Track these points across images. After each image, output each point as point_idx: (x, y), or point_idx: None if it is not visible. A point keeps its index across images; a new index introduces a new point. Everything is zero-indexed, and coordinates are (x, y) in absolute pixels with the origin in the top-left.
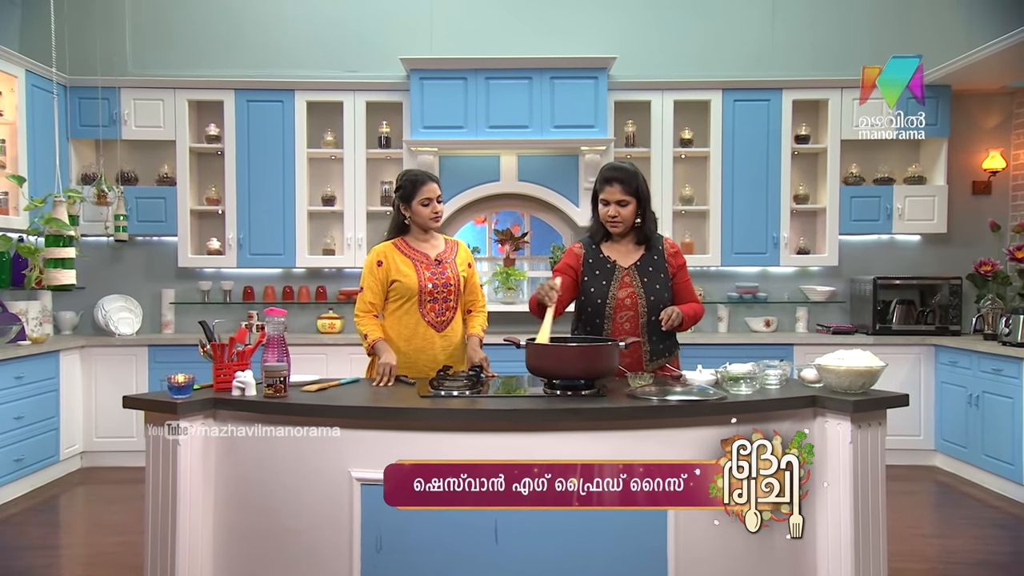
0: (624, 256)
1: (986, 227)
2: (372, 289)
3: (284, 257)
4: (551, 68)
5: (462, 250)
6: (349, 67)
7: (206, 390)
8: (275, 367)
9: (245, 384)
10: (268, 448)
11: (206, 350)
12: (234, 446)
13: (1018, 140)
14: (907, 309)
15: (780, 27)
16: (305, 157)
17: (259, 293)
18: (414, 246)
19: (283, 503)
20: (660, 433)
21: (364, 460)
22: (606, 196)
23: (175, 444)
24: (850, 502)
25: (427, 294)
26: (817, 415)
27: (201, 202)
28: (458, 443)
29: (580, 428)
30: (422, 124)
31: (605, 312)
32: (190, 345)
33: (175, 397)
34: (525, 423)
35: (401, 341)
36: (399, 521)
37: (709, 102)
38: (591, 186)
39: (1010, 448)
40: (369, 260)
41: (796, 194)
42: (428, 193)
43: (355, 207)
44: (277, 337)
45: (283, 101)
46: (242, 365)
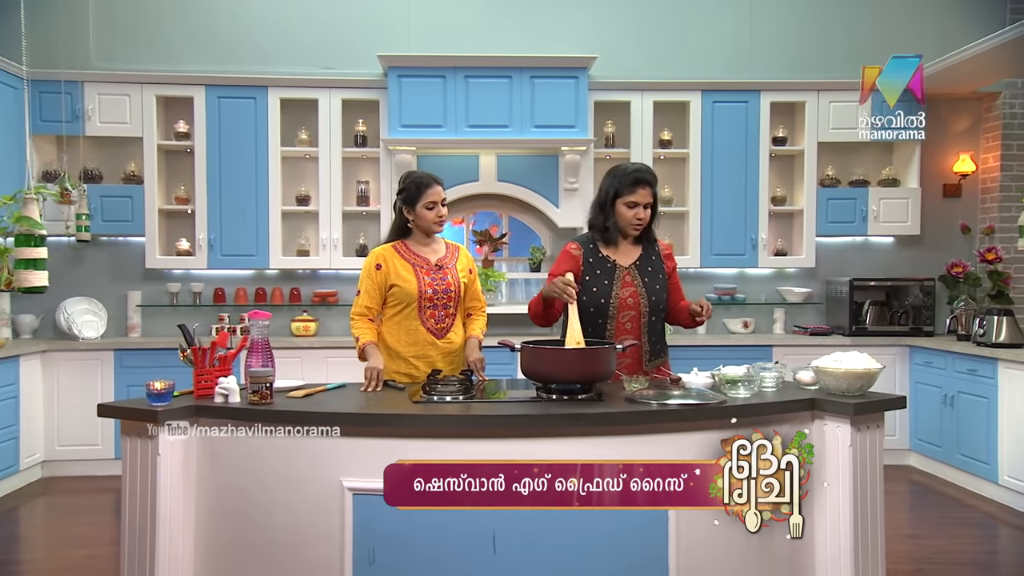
0: (623, 256)
1: (957, 229)
2: (369, 292)
3: (257, 258)
4: (531, 67)
5: (463, 255)
6: (324, 64)
7: (186, 397)
8: (261, 372)
9: (228, 390)
10: (254, 457)
11: (186, 355)
12: (217, 456)
13: (986, 144)
14: (880, 310)
15: (758, 29)
16: (279, 155)
17: (231, 295)
18: (415, 250)
19: (271, 515)
20: (661, 438)
21: (357, 469)
22: (636, 199)
23: (155, 455)
24: (850, 505)
25: (427, 300)
26: (815, 418)
27: (170, 201)
28: (454, 449)
29: (580, 434)
30: (400, 123)
31: (608, 312)
32: (159, 349)
33: (154, 405)
34: (524, 428)
35: (401, 347)
36: (393, 532)
37: (688, 103)
38: (571, 186)
39: (985, 447)
40: (368, 262)
41: (773, 196)
42: (433, 196)
43: (330, 207)
44: (261, 341)
45: (256, 98)
46: (224, 370)
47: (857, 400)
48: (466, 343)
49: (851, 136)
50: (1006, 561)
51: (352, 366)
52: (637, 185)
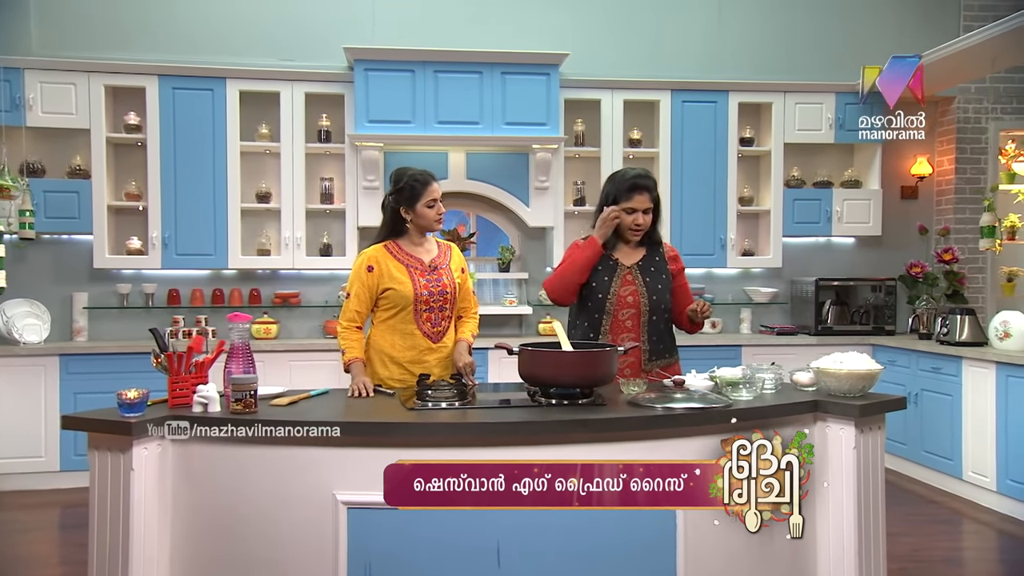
0: (627, 256)
1: (914, 230)
2: (359, 297)
3: (215, 258)
4: (502, 63)
5: (455, 254)
6: (286, 55)
7: (159, 407)
8: (244, 379)
9: (208, 399)
10: (238, 471)
11: (160, 361)
12: (197, 470)
13: (941, 147)
14: (840, 310)
15: (727, 31)
16: (238, 150)
17: (186, 296)
18: (408, 250)
19: (257, 532)
20: (665, 444)
21: (351, 481)
22: (634, 205)
23: (127, 470)
24: (854, 508)
25: (423, 303)
26: (817, 420)
27: (119, 197)
28: (455, 458)
29: (583, 440)
30: (367, 118)
31: (606, 308)
32: (108, 354)
33: (127, 416)
34: (526, 435)
35: (396, 352)
36: (391, 548)
37: (658, 102)
38: (542, 185)
39: (949, 444)
40: (358, 264)
41: (741, 196)
42: (434, 194)
43: (293, 205)
44: (242, 345)
45: (213, 89)
46: (200, 378)
47: (863, 402)
48: (455, 346)
49: (816, 137)
50: (980, 557)
51: (317, 370)
52: (634, 191)
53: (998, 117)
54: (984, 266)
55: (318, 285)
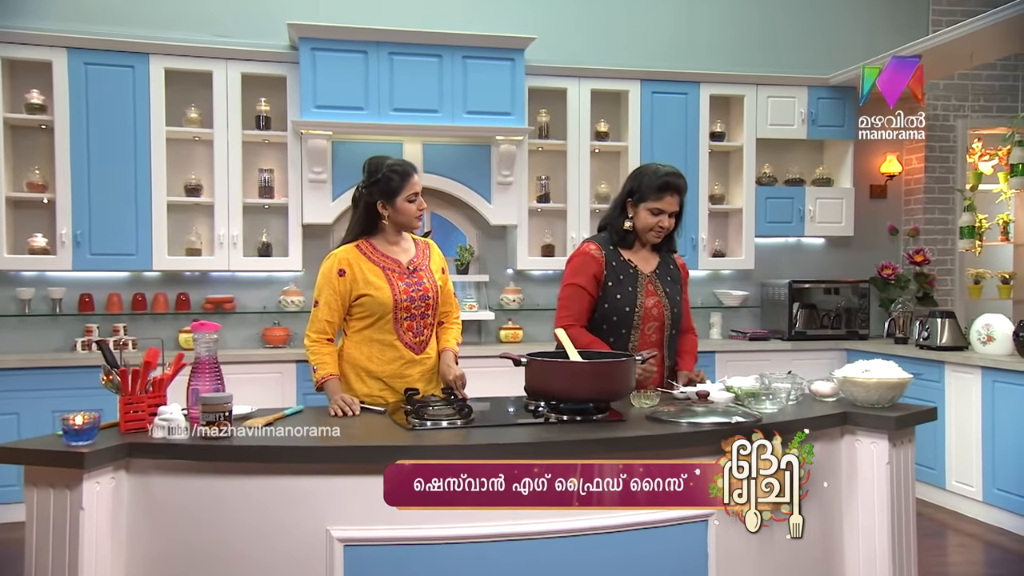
0: (643, 262)
1: (883, 230)
2: (331, 305)
3: (136, 258)
4: (464, 46)
5: (435, 253)
6: (221, 31)
7: (108, 433)
8: (217, 398)
9: (172, 422)
10: (212, 506)
11: (111, 378)
12: (160, 506)
13: (910, 145)
14: (810, 313)
15: (698, 19)
16: (163, 136)
17: (100, 302)
18: (384, 251)
19: None
20: (691, 464)
21: (348, 514)
22: (663, 206)
23: (76, 509)
24: (887, 533)
25: (403, 310)
26: (845, 434)
27: (20, 188)
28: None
29: (604, 459)
30: (314, 103)
31: (633, 322)
32: (7, 370)
33: (75, 445)
34: (549, 457)
35: (374, 366)
36: None
37: (627, 92)
38: (505, 180)
39: (932, 453)
40: (327, 268)
41: (711, 194)
42: (415, 187)
43: (228, 199)
44: (209, 359)
45: (134, 66)
46: (158, 397)
47: (896, 413)
48: (440, 357)
49: (789, 132)
50: (967, 572)
51: (254, 384)
52: (665, 191)
53: (966, 115)
54: (953, 268)
55: (255, 289)
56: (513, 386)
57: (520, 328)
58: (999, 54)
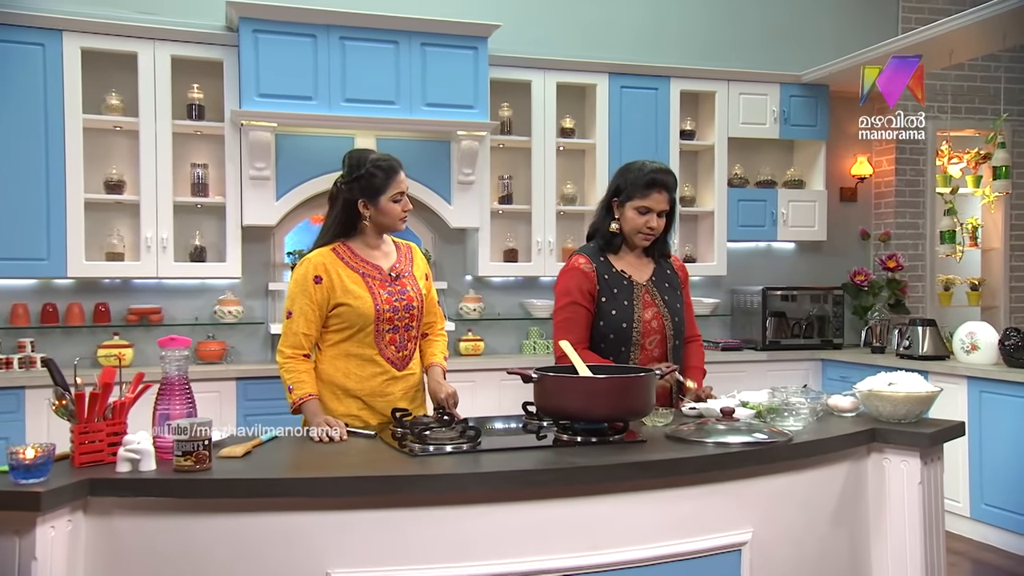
0: (637, 270)
1: (853, 235)
2: (306, 316)
3: (48, 263)
4: (422, 32)
5: (419, 258)
6: (147, 7)
7: (59, 466)
8: (193, 424)
9: (139, 453)
10: (190, 549)
11: (64, 403)
12: (128, 552)
13: (880, 146)
14: (779, 322)
15: (669, 11)
16: (80, 125)
17: (2, 314)
18: (363, 255)
19: None
20: (722, 488)
21: (350, 555)
22: (650, 204)
23: (28, 560)
24: (920, 556)
25: (385, 321)
26: (872, 451)
27: None
28: (480, 520)
29: (625, 488)
30: (256, 91)
31: (632, 338)
32: None
33: (25, 483)
34: (577, 482)
35: (352, 383)
36: None
37: (595, 86)
38: (467, 179)
39: None
40: (301, 275)
41: (682, 196)
42: (401, 186)
43: (156, 196)
44: (180, 379)
45: (44, 44)
46: (118, 424)
47: (927, 429)
48: (427, 373)
49: (761, 132)
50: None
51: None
52: (652, 188)
53: (935, 116)
54: (924, 274)
55: (187, 298)
56: (485, 402)
57: (481, 340)
58: (974, 54)
